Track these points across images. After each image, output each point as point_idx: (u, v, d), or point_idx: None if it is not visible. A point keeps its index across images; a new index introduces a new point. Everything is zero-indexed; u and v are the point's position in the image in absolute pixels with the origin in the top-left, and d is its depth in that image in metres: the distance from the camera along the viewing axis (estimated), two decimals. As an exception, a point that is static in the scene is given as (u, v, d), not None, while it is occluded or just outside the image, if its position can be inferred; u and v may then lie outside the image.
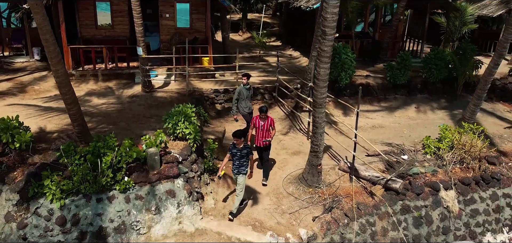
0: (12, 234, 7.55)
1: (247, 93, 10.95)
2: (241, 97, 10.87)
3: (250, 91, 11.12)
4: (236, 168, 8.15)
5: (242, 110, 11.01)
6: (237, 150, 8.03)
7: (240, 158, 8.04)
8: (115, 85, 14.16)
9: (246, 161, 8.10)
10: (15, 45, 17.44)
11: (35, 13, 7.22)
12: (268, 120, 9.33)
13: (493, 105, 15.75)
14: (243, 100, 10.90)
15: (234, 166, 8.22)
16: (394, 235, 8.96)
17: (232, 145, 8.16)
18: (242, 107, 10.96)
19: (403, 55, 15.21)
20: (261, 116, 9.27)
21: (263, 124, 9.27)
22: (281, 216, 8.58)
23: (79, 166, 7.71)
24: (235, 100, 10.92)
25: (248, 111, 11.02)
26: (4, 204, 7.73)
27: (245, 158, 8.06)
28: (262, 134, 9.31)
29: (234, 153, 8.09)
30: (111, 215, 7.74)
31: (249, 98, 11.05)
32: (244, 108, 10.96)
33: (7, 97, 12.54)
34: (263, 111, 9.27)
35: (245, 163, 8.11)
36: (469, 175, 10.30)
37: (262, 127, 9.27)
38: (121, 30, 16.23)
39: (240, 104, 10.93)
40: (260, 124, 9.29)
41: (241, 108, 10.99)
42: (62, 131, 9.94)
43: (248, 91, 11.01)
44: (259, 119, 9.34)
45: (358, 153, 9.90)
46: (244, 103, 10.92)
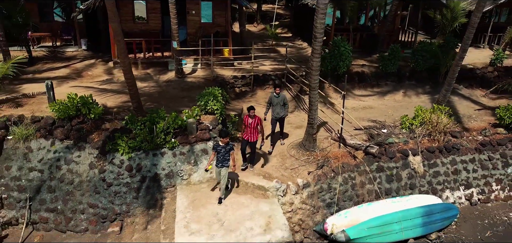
0: (95, 177, 10.78)
1: (277, 100, 12.12)
2: (273, 103, 12.24)
3: (280, 99, 12.16)
4: (220, 162, 9.69)
5: (273, 115, 12.35)
6: (221, 147, 9.59)
7: (224, 153, 9.62)
8: (152, 71, 17.27)
9: (229, 156, 9.71)
10: (65, 37, 20.71)
11: (112, 21, 10.26)
12: (256, 119, 10.80)
13: (471, 91, 18.30)
14: (274, 106, 12.21)
15: (217, 161, 9.72)
16: (370, 187, 11.89)
17: (217, 144, 9.74)
18: (275, 112, 12.25)
19: (393, 48, 17.88)
20: (250, 115, 10.75)
21: (251, 121, 10.76)
22: (284, 170, 11.57)
23: (140, 130, 10.84)
24: (268, 104, 12.43)
25: (278, 117, 12.29)
26: (87, 156, 10.95)
27: (228, 154, 9.67)
28: (250, 130, 10.83)
29: (219, 149, 9.60)
30: (163, 165, 10.89)
31: (279, 105, 12.16)
32: (275, 114, 12.26)
33: (69, 81, 15.70)
34: (251, 110, 10.78)
35: (227, 158, 9.70)
36: (434, 145, 13.09)
37: (250, 124, 10.79)
38: (154, 25, 19.29)
39: (273, 110, 12.26)
40: (248, 122, 10.80)
41: (273, 113, 12.30)
42: (119, 107, 13.05)
43: (278, 98, 12.14)
44: (248, 118, 10.80)
45: (350, 129, 12.76)
46: (276, 109, 12.19)
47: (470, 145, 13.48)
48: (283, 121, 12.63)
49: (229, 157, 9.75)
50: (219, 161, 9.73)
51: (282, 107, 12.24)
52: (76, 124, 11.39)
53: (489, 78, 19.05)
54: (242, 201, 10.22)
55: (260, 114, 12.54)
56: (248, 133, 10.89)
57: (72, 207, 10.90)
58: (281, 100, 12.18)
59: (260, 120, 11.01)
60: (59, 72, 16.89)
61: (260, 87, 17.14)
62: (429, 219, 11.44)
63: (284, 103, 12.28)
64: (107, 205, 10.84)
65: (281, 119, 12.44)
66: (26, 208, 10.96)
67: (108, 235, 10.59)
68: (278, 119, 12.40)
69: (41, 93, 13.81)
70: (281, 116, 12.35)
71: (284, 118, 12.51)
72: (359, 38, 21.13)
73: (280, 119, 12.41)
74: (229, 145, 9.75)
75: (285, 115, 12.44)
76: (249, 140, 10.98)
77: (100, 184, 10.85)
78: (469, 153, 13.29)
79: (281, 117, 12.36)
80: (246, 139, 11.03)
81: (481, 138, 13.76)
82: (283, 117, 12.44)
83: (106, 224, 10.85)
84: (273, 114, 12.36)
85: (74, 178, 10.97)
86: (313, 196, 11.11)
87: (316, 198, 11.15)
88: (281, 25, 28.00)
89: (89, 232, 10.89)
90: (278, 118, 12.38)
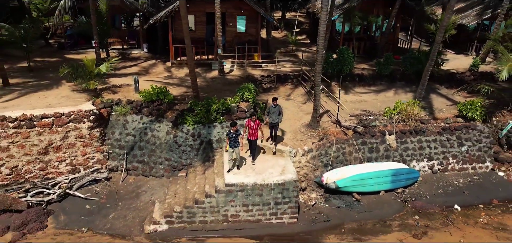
0: (170, 140, 16.39)
1: (274, 110, 15.02)
2: (270, 112, 15.25)
3: (276, 109, 15.07)
4: (233, 144, 13.77)
5: (270, 121, 15.43)
6: (233, 134, 13.70)
7: (235, 138, 13.75)
8: (200, 70, 22.79)
9: (238, 139, 13.84)
10: (130, 42, 26.60)
11: (186, 37, 15.77)
12: (256, 122, 14.19)
13: (448, 91, 22.90)
14: (271, 114, 15.18)
15: (231, 144, 13.76)
16: (356, 155, 17.00)
17: (229, 131, 13.71)
18: (271, 119, 15.26)
19: (387, 55, 22.76)
20: (252, 119, 14.20)
21: (253, 124, 14.20)
22: (295, 141, 16.80)
23: (200, 110, 16.33)
24: (267, 112, 15.65)
25: (273, 122, 15.25)
26: (164, 127, 16.56)
27: (237, 138, 13.80)
28: (252, 131, 14.27)
29: (231, 135, 13.66)
30: (214, 134, 16.38)
31: (275, 114, 15.04)
32: (271, 120, 15.32)
33: (141, 76, 21.36)
34: (253, 116, 14.39)
35: (237, 141, 13.80)
36: (406, 128, 18.02)
37: (252, 127, 14.25)
38: (200, 33, 24.80)
39: (270, 117, 15.31)
40: (251, 124, 14.23)
41: (270, 119, 15.33)
42: (181, 95, 18.54)
43: (275, 109, 15.03)
44: (250, 121, 14.19)
45: (346, 115, 17.87)
46: (272, 117, 15.19)
47: (434, 129, 18.33)
48: (277, 127, 15.71)
49: (238, 140, 13.93)
50: (232, 144, 13.90)
51: (277, 116, 15.18)
52: (156, 105, 17.01)
53: (466, 81, 23.53)
54: (267, 159, 15.53)
55: (281, 103, 17.82)
56: (250, 133, 14.38)
57: (154, 160, 16.57)
58: (277, 110, 15.17)
59: (259, 123, 14.51)
60: (132, 69, 22.69)
61: (282, 84, 22.39)
62: (396, 178, 16.49)
63: (279, 112, 15.30)
64: (177, 159, 16.45)
65: (276, 125, 15.48)
66: (124, 160, 16.69)
67: (178, 178, 16.18)
68: (273, 124, 15.42)
69: (125, 84, 19.62)
70: (276, 123, 15.32)
71: (278, 124, 15.53)
72: (363, 46, 26.07)
73: (275, 125, 15.47)
74: (238, 132, 13.95)
75: (279, 122, 15.47)
76: (251, 138, 14.55)
77: (173, 145, 16.46)
78: (433, 135, 18.16)
79: (275, 123, 15.33)
80: (249, 138, 14.55)
81: (444, 125, 18.57)
82: (277, 124, 15.46)
83: (176, 172, 16.45)
84: (270, 120, 15.47)
85: (156, 140, 16.63)
86: (315, 158, 16.35)
87: (316, 160, 16.39)
88: (301, 32, 33.12)
89: (164, 177, 16.53)
90: (273, 124, 15.40)
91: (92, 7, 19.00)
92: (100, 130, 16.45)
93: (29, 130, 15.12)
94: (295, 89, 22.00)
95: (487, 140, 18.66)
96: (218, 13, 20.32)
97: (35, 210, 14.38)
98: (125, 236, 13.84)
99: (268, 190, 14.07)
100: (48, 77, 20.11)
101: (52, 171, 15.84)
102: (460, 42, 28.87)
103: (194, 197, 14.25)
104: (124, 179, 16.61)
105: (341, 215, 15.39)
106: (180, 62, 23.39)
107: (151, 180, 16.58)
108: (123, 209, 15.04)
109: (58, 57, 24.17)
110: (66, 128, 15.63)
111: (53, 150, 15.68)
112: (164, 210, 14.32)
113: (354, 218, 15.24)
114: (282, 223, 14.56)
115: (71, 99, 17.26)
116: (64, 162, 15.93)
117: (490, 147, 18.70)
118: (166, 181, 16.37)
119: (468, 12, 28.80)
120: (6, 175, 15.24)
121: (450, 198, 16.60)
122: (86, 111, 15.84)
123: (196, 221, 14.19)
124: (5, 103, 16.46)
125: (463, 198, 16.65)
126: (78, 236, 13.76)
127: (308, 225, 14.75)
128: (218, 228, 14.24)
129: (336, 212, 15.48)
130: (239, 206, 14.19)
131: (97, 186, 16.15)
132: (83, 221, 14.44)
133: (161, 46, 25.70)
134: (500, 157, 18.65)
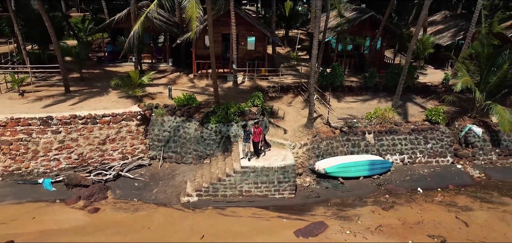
0: (197, 135, 21.29)
1: (246, 133, 18.95)
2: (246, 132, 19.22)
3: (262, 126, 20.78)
4: (245, 139, 18.65)
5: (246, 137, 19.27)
6: (245, 132, 18.73)
7: (247, 135, 18.62)
8: (217, 81, 27.67)
9: (249, 137, 18.64)
10: (158, 57, 31.67)
11: (211, 56, 20.69)
12: (259, 129, 18.69)
13: (423, 100, 27.61)
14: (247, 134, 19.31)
15: (244, 139, 18.74)
16: (341, 149, 21.77)
17: (243, 131, 19.14)
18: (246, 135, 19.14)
19: (371, 71, 27.60)
20: (256, 126, 18.70)
21: (256, 130, 18.64)
22: (295, 137, 21.59)
23: (221, 112, 21.21)
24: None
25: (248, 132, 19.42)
26: (193, 125, 21.46)
27: (248, 136, 18.61)
28: (255, 135, 18.66)
29: (244, 131, 18.85)
30: (232, 131, 21.25)
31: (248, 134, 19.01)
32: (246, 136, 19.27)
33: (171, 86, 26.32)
34: (257, 123, 19.04)
35: (249, 138, 18.61)
36: (383, 128, 22.76)
37: (256, 132, 18.63)
38: (217, 51, 29.62)
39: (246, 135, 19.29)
40: (255, 130, 18.66)
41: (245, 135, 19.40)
42: (205, 101, 23.41)
43: (246, 130, 19.05)
44: (254, 128, 18.64)
45: (334, 118, 22.68)
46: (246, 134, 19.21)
47: (405, 130, 23.06)
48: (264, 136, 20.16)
49: (249, 137, 18.82)
50: (245, 139, 18.95)
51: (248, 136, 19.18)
52: (186, 108, 21.91)
53: (438, 92, 28.25)
54: (272, 149, 20.33)
55: (283, 108, 22.68)
56: (254, 136, 18.83)
57: (184, 150, 21.43)
58: (262, 125, 21.10)
59: (261, 130, 19.10)
60: (161, 80, 27.67)
61: (285, 93, 27.21)
62: (373, 167, 21.22)
63: (265, 126, 21.55)
64: (203, 150, 21.30)
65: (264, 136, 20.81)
66: (161, 150, 21.56)
67: (204, 164, 21.01)
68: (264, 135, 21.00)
69: (158, 92, 24.57)
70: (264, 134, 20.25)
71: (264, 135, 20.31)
72: (353, 62, 30.97)
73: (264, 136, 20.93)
74: (248, 131, 19.02)
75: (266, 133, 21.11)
76: (254, 140, 19.01)
77: (200, 139, 21.32)
78: (404, 134, 22.89)
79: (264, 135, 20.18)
80: (253, 140, 18.92)
81: (413, 126, 23.29)
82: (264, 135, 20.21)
83: (202, 160, 21.28)
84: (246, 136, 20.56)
85: (186, 135, 21.51)
86: (309, 150, 21.15)
87: (310, 152, 21.18)
88: (302, 49, 38.08)
89: (193, 163, 21.37)
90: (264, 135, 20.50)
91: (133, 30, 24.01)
92: (144, 127, 21.38)
93: (93, 126, 20.07)
94: (295, 98, 26.85)
95: (448, 139, 23.36)
96: (233, 35, 25.29)
97: (98, 185, 19.25)
98: (166, 205, 18.64)
99: (273, 171, 18.86)
100: (97, 86, 25.13)
101: (108, 157, 20.76)
102: (439, 59, 33.66)
103: (217, 177, 19.07)
104: (161, 165, 21.45)
105: (329, 193, 20.10)
106: (201, 74, 28.34)
107: (182, 166, 21.42)
108: (163, 186, 19.88)
109: (99, 69, 29.24)
110: (120, 125, 20.57)
111: (109, 141, 20.61)
112: (195, 186, 19.14)
113: (338, 196, 19.95)
114: (283, 197, 19.30)
115: (119, 104, 22.23)
116: (117, 151, 20.85)
117: (451, 144, 23.38)
118: (194, 167, 21.18)
119: (444, 33, 33.66)
120: (74, 159, 20.17)
121: (415, 183, 21.27)
122: (134, 112, 20.80)
123: (218, 195, 18.96)
124: (71, 106, 21.45)
125: (425, 183, 21.31)
126: (132, 204, 18.60)
127: (303, 199, 19.48)
128: (235, 200, 19.00)
129: (325, 191, 20.20)
130: (251, 184, 18.97)
131: (142, 170, 21.02)
132: (134, 194, 19.28)
133: (183, 60, 30.69)
134: (459, 153, 23.31)
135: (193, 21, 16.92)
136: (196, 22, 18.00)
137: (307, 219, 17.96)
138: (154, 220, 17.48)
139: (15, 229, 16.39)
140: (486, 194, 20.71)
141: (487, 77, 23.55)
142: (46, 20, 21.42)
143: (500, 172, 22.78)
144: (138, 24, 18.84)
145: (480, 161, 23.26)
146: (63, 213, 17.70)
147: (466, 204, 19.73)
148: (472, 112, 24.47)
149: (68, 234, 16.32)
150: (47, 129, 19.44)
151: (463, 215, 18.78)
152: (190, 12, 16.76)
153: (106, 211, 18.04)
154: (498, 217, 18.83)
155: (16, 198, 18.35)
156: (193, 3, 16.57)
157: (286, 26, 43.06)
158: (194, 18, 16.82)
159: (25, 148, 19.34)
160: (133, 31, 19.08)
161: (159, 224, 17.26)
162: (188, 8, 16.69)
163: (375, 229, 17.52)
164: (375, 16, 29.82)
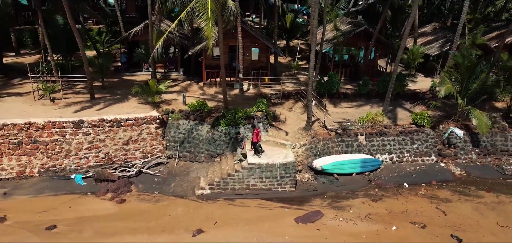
0: (209, 137, 24.13)
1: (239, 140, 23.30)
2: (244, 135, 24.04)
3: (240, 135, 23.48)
4: (239, 144, 22.83)
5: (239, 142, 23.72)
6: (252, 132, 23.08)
7: (240, 141, 22.95)
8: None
9: (241, 143, 22.88)
10: (170, 66, 34.59)
11: (222, 67, 23.56)
12: (256, 130, 21.52)
13: (411, 106, 30.36)
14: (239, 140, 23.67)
15: (238, 143, 23.01)
16: (336, 149, 24.54)
17: (252, 128, 23.08)
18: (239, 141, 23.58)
19: (365, 79, 30.42)
20: (254, 127, 22.69)
21: (254, 132, 21.51)
22: (295, 138, 24.37)
23: (230, 116, 24.04)
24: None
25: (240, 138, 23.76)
26: (205, 127, 24.30)
27: (241, 141, 22.83)
28: (254, 136, 21.38)
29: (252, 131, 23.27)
30: (240, 132, 24.05)
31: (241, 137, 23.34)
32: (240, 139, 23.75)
33: (185, 93, 29.17)
34: (255, 125, 22.74)
35: (241, 143, 22.90)
36: (373, 131, 25.52)
37: (254, 132, 21.48)
38: (224, 60, 32.62)
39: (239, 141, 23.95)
40: (253, 131, 21.82)
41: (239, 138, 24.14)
42: (214, 106, 26.24)
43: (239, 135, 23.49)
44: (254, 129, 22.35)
45: (331, 123, 25.46)
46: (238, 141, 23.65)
47: (394, 132, 25.82)
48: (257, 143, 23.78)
49: (242, 143, 22.42)
50: (238, 144, 22.68)
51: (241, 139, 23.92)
52: (199, 113, 24.75)
53: (426, 98, 30.99)
54: (274, 149, 23.11)
55: (285, 113, 25.52)
56: (253, 137, 21.76)
57: (197, 150, 24.24)
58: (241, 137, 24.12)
59: (258, 131, 21.66)
60: (174, 88, 30.54)
61: (286, 100, 30.02)
62: (364, 165, 23.97)
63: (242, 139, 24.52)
64: (214, 150, 24.10)
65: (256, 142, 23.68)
66: (177, 150, 24.37)
67: (215, 163, 23.80)
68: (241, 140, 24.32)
69: (173, 98, 27.43)
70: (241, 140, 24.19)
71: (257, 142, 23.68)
72: (349, 71, 33.83)
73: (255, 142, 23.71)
74: (241, 138, 22.45)
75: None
76: (253, 140, 21.85)
77: (211, 140, 24.14)
78: (392, 136, 25.65)
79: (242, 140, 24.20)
80: (252, 140, 22.06)
81: (401, 129, 26.04)
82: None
83: (213, 158, 24.07)
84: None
85: (199, 137, 24.33)
86: (308, 150, 23.94)
87: (309, 151, 23.97)
88: (302, 58, 40.96)
89: (205, 162, 24.16)
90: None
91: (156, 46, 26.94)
92: (162, 130, 24.22)
93: (118, 128, 22.92)
94: (296, 104, 29.66)
95: (433, 140, 26.10)
96: (240, 47, 28.20)
97: (123, 180, 22.05)
98: (183, 197, 21.41)
99: (276, 168, 21.63)
100: (118, 93, 28.04)
101: (130, 156, 23.58)
102: (428, 68, 36.46)
103: (227, 172, 21.85)
104: (177, 163, 24.24)
105: (325, 187, 22.85)
106: (210, 83, 31.21)
107: (196, 164, 24.20)
108: (179, 181, 22.67)
109: (118, 78, 32.18)
110: (141, 128, 23.42)
111: (132, 142, 23.45)
112: (207, 181, 21.92)
113: (333, 190, 22.69)
114: (285, 191, 22.04)
115: (140, 109, 25.09)
116: (138, 151, 23.67)
117: (435, 145, 26.11)
118: (206, 165, 23.96)
119: (433, 44, 36.50)
120: (101, 158, 22.99)
121: (402, 179, 23.98)
122: (154, 117, 23.65)
123: (228, 188, 21.72)
124: (98, 111, 24.32)
125: (411, 179, 24.01)
126: (153, 196, 21.38)
127: (302, 192, 22.24)
128: (243, 193, 21.76)
129: (322, 186, 22.94)
130: (257, 178, 21.74)
131: (160, 167, 23.83)
132: (154, 187, 22.06)
133: (194, 70, 33.58)
134: (442, 153, 26.03)
135: (209, 39, 19.79)
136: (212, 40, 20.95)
137: (306, 209, 20.69)
138: (173, 209, 20.26)
139: (56, 216, 19.21)
140: (464, 188, 23.42)
141: (467, 84, 26.30)
142: (77, 36, 24.37)
143: (479, 170, 25.48)
144: (161, 41, 21.67)
145: (462, 159, 25.96)
146: (95, 203, 20.50)
147: (446, 197, 22.43)
148: (454, 116, 27.21)
149: (101, 220, 19.11)
150: (78, 131, 22.30)
151: (443, 206, 21.48)
152: (207, 32, 19.67)
153: (132, 201, 20.84)
154: (473, 207, 21.53)
155: (53, 191, 21.17)
156: (210, 25, 19.46)
157: (287, 37, 45.94)
158: (210, 37, 19.71)
159: (59, 148, 22.18)
160: (156, 47, 21.89)
161: (178, 212, 20.04)
162: (206, 29, 19.59)
163: (365, 217, 20.25)
164: (368, 29, 32.69)
